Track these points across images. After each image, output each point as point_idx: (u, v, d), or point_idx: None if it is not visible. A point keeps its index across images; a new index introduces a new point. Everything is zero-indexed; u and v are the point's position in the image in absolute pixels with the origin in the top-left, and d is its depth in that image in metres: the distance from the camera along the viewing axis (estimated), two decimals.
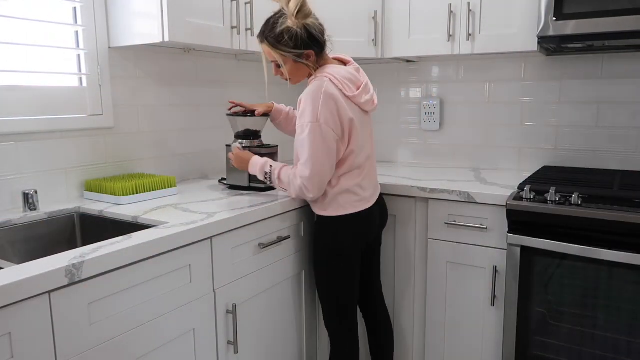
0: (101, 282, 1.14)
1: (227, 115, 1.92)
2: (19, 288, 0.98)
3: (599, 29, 1.76)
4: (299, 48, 1.55)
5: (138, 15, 1.72)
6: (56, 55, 1.71)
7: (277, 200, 1.69)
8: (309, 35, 1.55)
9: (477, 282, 1.92)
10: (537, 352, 1.77)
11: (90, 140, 1.80)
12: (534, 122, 2.33)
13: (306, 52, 1.57)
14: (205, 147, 2.26)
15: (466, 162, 2.52)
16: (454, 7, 2.10)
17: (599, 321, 1.65)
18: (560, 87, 2.26)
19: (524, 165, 2.38)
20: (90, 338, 1.13)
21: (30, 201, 1.56)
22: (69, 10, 1.73)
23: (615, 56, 2.14)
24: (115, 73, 1.86)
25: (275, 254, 1.72)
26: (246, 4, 1.92)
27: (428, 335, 2.06)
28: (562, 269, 1.69)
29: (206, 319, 1.46)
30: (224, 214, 1.51)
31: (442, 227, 1.96)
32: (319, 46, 1.60)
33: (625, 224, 1.55)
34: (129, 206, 1.63)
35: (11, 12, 1.57)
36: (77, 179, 1.77)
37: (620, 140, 2.16)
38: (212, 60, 2.26)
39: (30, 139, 1.62)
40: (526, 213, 1.71)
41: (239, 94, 2.42)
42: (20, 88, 1.59)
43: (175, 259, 1.33)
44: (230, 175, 1.90)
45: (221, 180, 2.00)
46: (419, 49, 2.23)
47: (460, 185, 1.98)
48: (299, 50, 1.55)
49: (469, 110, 2.48)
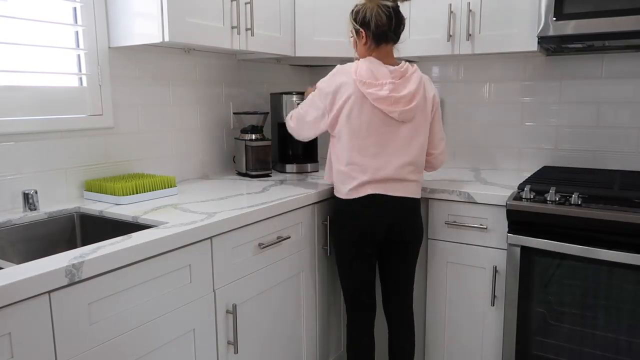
0: (101, 282, 1.14)
1: (234, 114, 2.25)
2: (19, 288, 0.98)
3: (599, 29, 1.76)
4: (357, 23, 1.72)
5: (138, 15, 1.72)
6: (56, 55, 1.71)
7: (277, 200, 1.69)
8: (364, 16, 1.70)
9: (477, 282, 1.92)
10: (537, 352, 1.77)
11: (90, 140, 1.80)
12: (534, 122, 2.33)
13: (361, 30, 1.71)
14: (205, 147, 2.26)
15: (466, 162, 2.52)
16: (454, 7, 2.10)
17: (599, 321, 1.65)
18: (560, 87, 2.26)
19: (524, 165, 2.38)
20: (90, 338, 1.13)
21: (30, 201, 1.56)
22: (69, 10, 1.73)
23: (615, 56, 2.14)
24: (115, 73, 1.86)
25: (275, 254, 1.72)
26: (246, 4, 1.92)
27: (428, 335, 2.06)
28: (562, 269, 1.69)
29: (206, 319, 1.46)
30: (224, 214, 1.51)
31: (442, 227, 1.96)
32: (370, 32, 1.70)
33: (625, 224, 1.55)
34: (129, 206, 1.63)
35: (11, 12, 1.57)
36: (77, 179, 1.77)
37: (620, 140, 2.16)
38: (212, 60, 2.26)
39: (30, 139, 1.62)
40: (526, 213, 1.71)
41: (239, 94, 2.42)
42: (20, 88, 1.59)
43: (175, 259, 1.33)
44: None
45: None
46: (419, 49, 2.23)
47: (460, 185, 1.98)
48: (357, 25, 1.72)
49: (469, 110, 2.48)
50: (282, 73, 2.71)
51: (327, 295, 2.04)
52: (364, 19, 1.70)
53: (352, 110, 1.68)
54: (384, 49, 1.73)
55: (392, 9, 1.69)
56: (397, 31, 1.72)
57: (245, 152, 2.21)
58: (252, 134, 2.22)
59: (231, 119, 2.38)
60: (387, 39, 1.71)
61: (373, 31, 1.69)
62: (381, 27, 1.69)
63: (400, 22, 1.72)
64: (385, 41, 1.72)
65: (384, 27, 1.69)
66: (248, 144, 2.20)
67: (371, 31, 1.70)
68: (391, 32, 1.71)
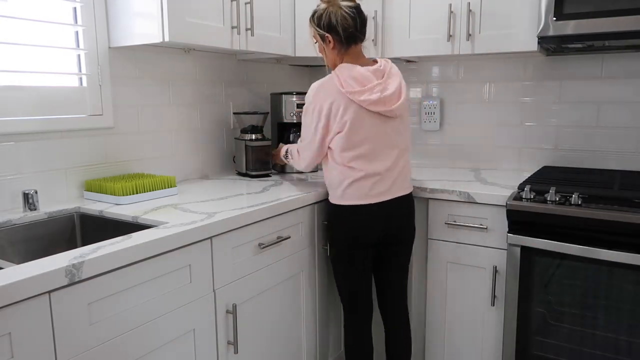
0: (101, 282, 1.14)
1: (234, 114, 2.25)
2: (19, 288, 0.98)
3: (598, 29, 1.76)
4: (321, 28, 1.69)
5: (138, 15, 1.72)
6: (56, 55, 1.71)
7: (277, 200, 1.69)
8: (329, 21, 1.67)
9: (477, 282, 1.92)
10: (537, 352, 1.77)
11: (90, 140, 1.80)
12: (534, 122, 2.33)
13: (327, 35, 1.68)
14: (205, 147, 2.26)
15: (466, 162, 2.52)
16: (454, 7, 2.10)
17: (599, 321, 1.65)
18: (560, 87, 2.26)
19: (524, 165, 2.38)
20: (90, 338, 1.13)
21: (30, 201, 1.56)
22: (69, 10, 1.73)
23: (615, 56, 2.14)
24: (115, 73, 1.86)
25: (275, 254, 1.72)
26: (246, 4, 1.92)
27: (428, 335, 2.06)
28: (562, 269, 1.69)
29: (206, 319, 1.46)
30: (224, 214, 1.51)
31: (442, 227, 1.96)
32: (339, 36, 1.67)
33: (625, 224, 1.55)
34: (129, 206, 1.63)
35: (11, 12, 1.57)
36: (77, 179, 1.77)
37: (620, 140, 2.16)
38: (212, 60, 2.26)
39: (30, 139, 1.62)
40: (526, 213, 1.71)
41: (239, 94, 2.42)
42: (21, 88, 1.59)
43: (175, 259, 1.33)
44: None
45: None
46: (419, 49, 2.23)
47: (460, 185, 1.98)
48: (321, 30, 1.69)
49: (469, 110, 2.48)
50: (282, 73, 2.71)
51: (327, 295, 2.04)
52: (329, 23, 1.67)
53: (348, 121, 1.65)
54: (353, 50, 1.72)
55: (355, 9, 1.68)
56: (362, 30, 1.71)
57: (245, 152, 2.21)
58: (252, 134, 2.22)
59: (231, 119, 2.38)
60: (355, 40, 1.70)
61: (342, 35, 1.67)
62: (348, 30, 1.67)
63: (364, 20, 1.71)
64: (354, 42, 1.70)
65: (351, 29, 1.67)
66: (248, 144, 2.20)
67: (339, 35, 1.67)
68: (358, 32, 1.70)
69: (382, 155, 1.70)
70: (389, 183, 1.71)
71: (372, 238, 1.74)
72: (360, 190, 1.68)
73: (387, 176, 1.71)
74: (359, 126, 1.66)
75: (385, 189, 1.70)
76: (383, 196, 1.70)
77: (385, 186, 1.70)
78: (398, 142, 1.74)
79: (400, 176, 1.74)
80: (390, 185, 1.71)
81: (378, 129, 1.69)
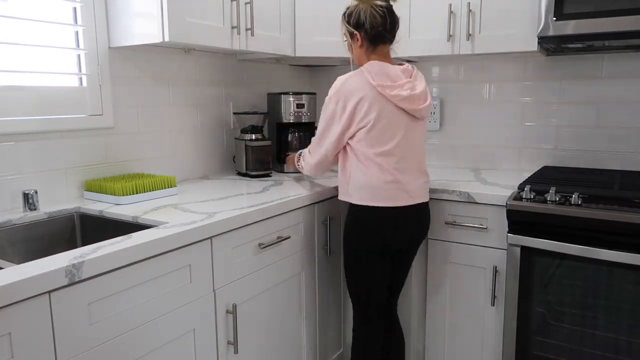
0: (101, 282, 1.14)
1: (234, 114, 2.28)
2: (19, 288, 0.98)
3: (598, 29, 1.76)
4: (350, 25, 1.69)
5: (138, 15, 1.72)
6: (56, 55, 1.71)
7: (277, 200, 1.69)
8: (358, 18, 1.66)
9: (477, 282, 1.92)
10: (537, 352, 1.77)
11: (90, 140, 1.80)
12: (534, 122, 2.33)
13: (355, 33, 1.68)
14: (205, 147, 2.26)
15: (466, 162, 2.52)
16: (454, 7, 2.10)
17: (599, 321, 1.65)
18: (560, 87, 2.26)
19: (524, 165, 2.38)
20: (90, 338, 1.13)
21: (30, 201, 1.56)
22: (69, 10, 1.73)
23: (615, 56, 2.14)
24: (115, 73, 1.86)
25: (275, 254, 1.72)
26: (246, 4, 1.92)
27: (428, 335, 2.06)
28: (562, 269, 1.69)
29: (206, 319, 1.46)
30: (224, 214, 1.51)
31: (442, 227, 1.96)
32: (366, 34, 1.66)
33: (625, 224, 1.55)
34: (129, 206, 1.63)
35: (11, 12, 1.57)
36: (77, 179, 1.77)
37: (620, 140, 2.16)
38: (212, 60, 2.26)
39: (30, 139, 1.62)
40: (526, 213, 1.71)
41: (239, 94, 2.42)
42: (21, 88, 1.59)
43: (175, 259, 1.33)
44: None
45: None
46: (419, 49, 2.23)
47: (460, 185, 1.98)
48: (350, 27, 1.69)
49: (469, 110, 2.48)
50: (282, 73, 2.71)
51: (327, 295, 2.04)
52: (358, 20, 1.66)
53: (376, 116, 1.60)
54: (381, 50, 1.69)
55: (386, 9, 1.66)
56: (392, 31, 1.69)
57: (245, 152, 2.21)
58: (252, 134, 2.23)
59: (231, 119, 2.38)
60: (383, 40, 1.68)
61: (368, 32, 1.65)
62: (376, 28, 1.65)
63: (395, 22, 1.69)
64: (382, 42, 1.68)
65: (379, 28, 1.65)
66: (248, 144, 2.20)
67: (367, 33, 1.66)
68: (387, 32, 1.67)
69: (410, 157, 1.66)
70: (419, 184, 1.68)
71: (403, 243, 1.69)
72: (393, 191, 1.62)
73: (417, 177, 1.68)
74: (387, 122, 1.61)
75: (414, 191, 1.66)
76: (413, 199, 1.66)
77: (415, 188, 1.66)
78: (422, 145, 1.72)
79: (425, 176, 1.72)
80: (419, 187, 1.68)
81: (407, 128, 1.65)
